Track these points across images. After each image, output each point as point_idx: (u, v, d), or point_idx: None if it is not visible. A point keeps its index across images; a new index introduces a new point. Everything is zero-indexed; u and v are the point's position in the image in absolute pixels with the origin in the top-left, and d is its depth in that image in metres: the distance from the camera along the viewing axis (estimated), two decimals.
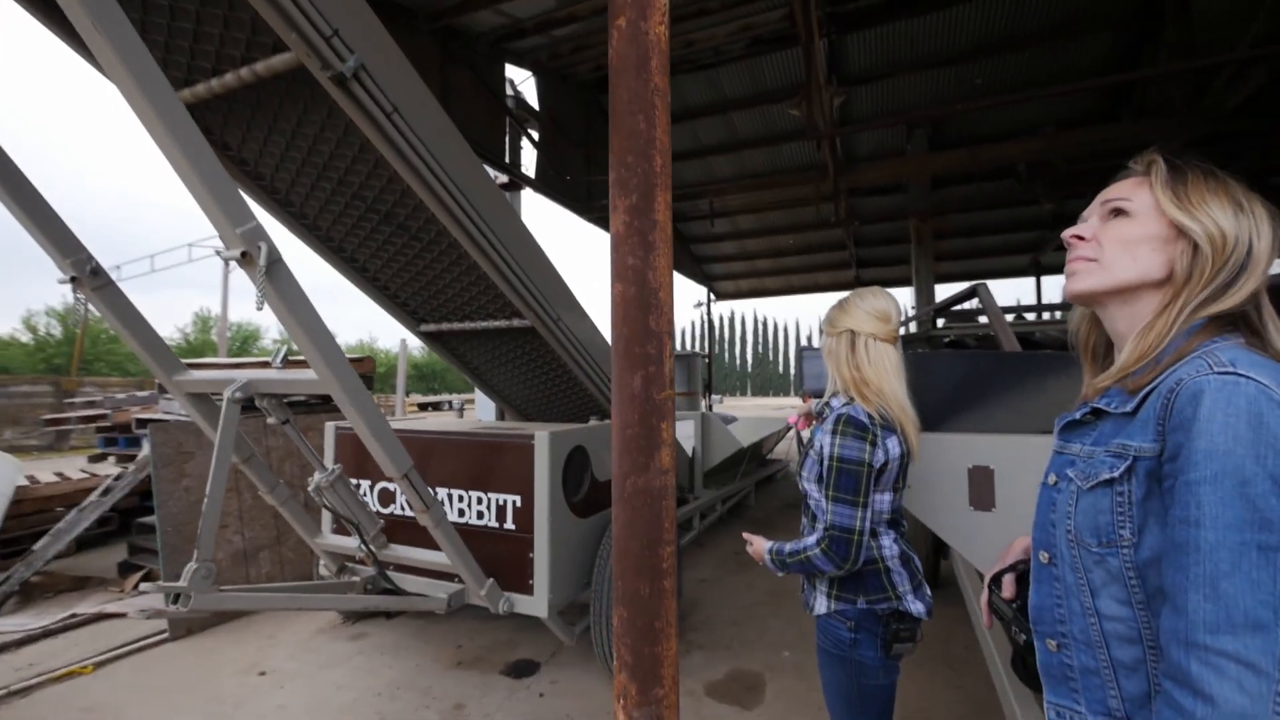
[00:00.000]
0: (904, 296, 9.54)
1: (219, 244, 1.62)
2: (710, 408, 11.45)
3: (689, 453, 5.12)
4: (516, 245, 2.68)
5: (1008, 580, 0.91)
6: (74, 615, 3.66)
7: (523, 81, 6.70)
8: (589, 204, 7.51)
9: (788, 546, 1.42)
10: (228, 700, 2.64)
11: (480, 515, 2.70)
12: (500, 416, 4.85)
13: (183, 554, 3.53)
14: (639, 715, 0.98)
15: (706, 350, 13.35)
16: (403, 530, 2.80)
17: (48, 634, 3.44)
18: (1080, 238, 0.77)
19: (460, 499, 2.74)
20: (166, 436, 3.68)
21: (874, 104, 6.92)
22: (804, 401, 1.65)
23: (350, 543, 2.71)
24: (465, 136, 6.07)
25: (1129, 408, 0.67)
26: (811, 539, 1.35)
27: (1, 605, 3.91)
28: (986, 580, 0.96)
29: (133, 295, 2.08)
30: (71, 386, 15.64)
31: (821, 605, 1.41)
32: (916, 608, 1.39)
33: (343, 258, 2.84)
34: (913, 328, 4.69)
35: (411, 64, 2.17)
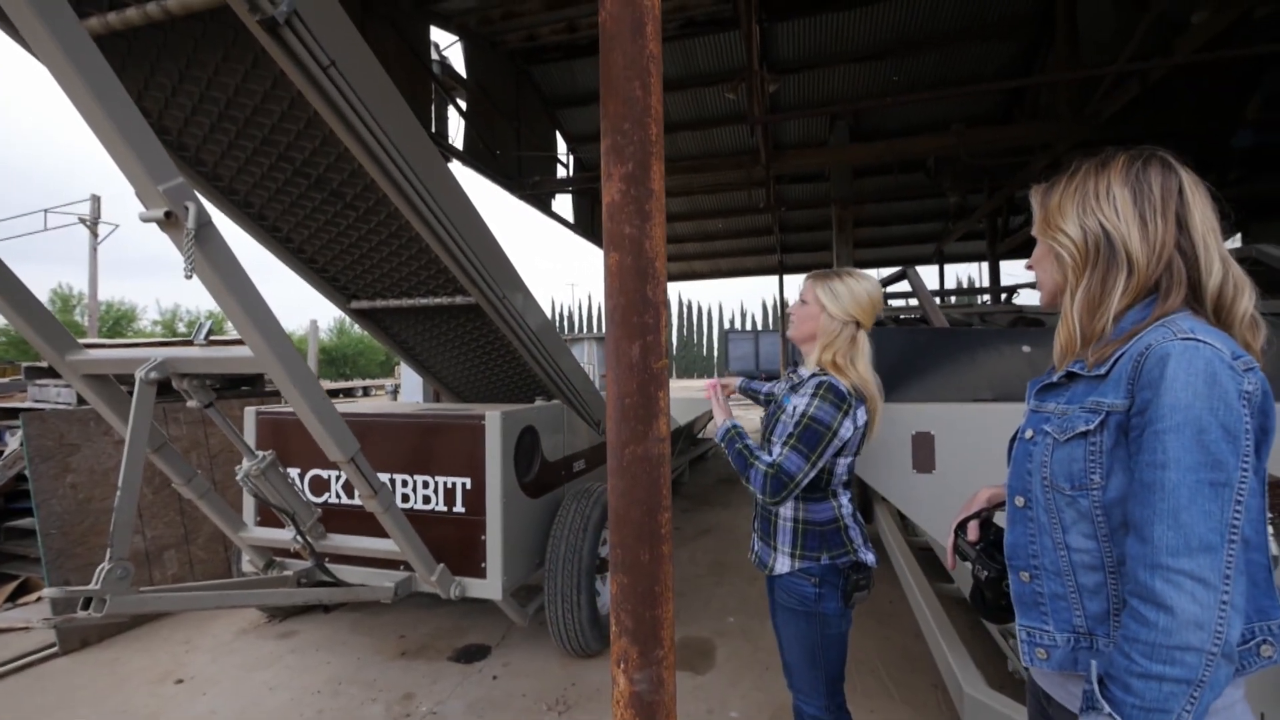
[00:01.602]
0: None
1: (80, 210, 1.43)
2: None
3: None
4: (461, 218, 2.55)
5: (972, 526, 1.02)
6: None
7: (449, 46, 6.34)
8: (520, 180, 7.28)
9: (746, 439, 1.51)
10: (140, 712, 2.41)
11: (427, 500, 2.60)
12: (435, 398, 4.66)
13: (72, 557, 3.14)
14: (640, 678, 1.01)
15: None
16: (340, 519, 2.64)
17: None
18: (1030, 266, 0.96)
19: (405, 484, 2.63)
20: (43, 428, 3.24)
21: (801, 93, 7.16)
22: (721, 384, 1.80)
23: (280, 535, 2.53)
24: None
25: (1102, 370, 0.76)
26: (764, 458, 1.43)
27: None
28: (953, 526, 1.06)
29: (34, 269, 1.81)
30: None
31: (784, 565, 1.49)
32: (869, 558, 1.52)
33: (264, 227, 2.60)
34: None
35: None
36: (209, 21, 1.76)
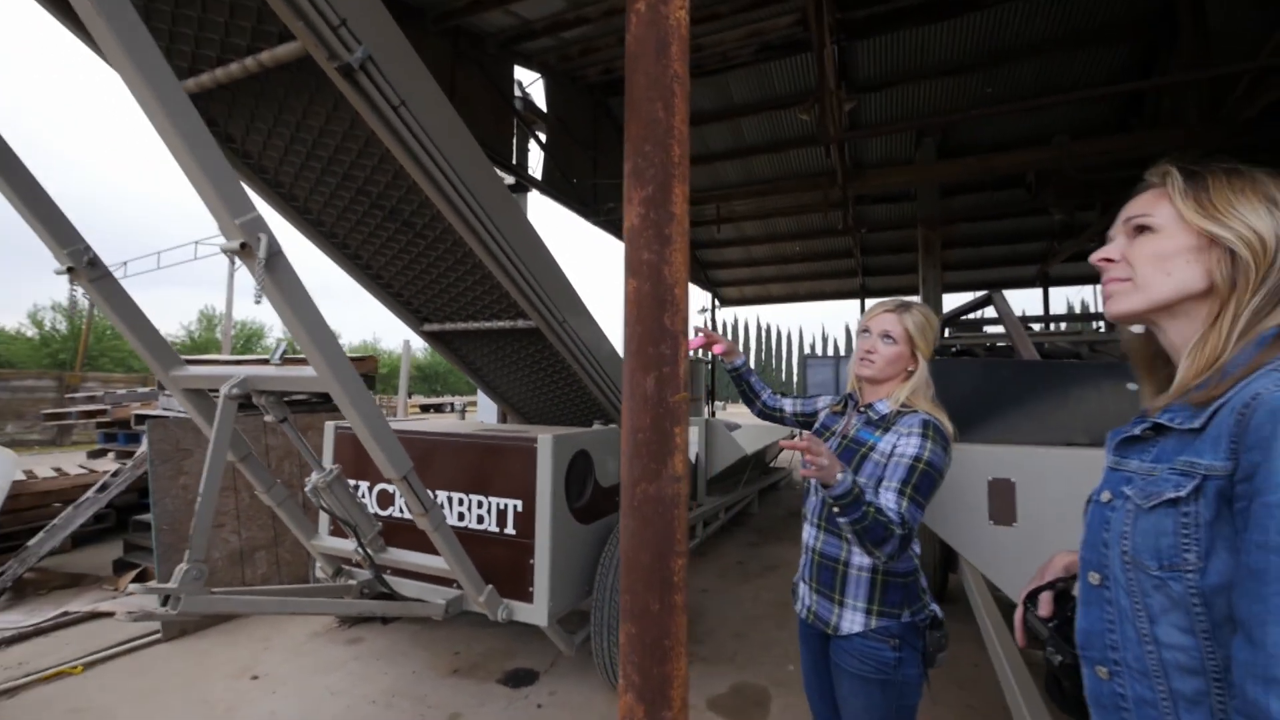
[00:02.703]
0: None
1: (223, 241, 1.57)
2: (714, 414, 11.38)
3: (692, 459, 5.06)
4: (523, 246, 2.63)
5: (1045, 598, 0.86)
6: (65, 613, 3.60)
7: (531, 84, 6.69)
8: (595, 207, 7.47)
9: (866, 496, 1.20)
10: (219, 705, 2.58)
11: (480, 519, 2.64)
12: (502, 419, 4.80)
13: (178, 553, 3.48)
14: None
15: (708, 357, 13.30)
16: (402, 533, 2.74)
17: (38, 632, 3.39)
18: (1110, 259, 0.75)
19: (460, 502, 2.69)
20: (165, 433, 3.64)
21: (883, 111, 6.88)
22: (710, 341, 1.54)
23: (347, 545, 2.65)
24: (473, 134, 6.02)
25: (1196, 423, 0.62)
26: (894, 519, 1.19)
27: None
28: (1022, 597, 0.90)
29: (140, 291, 2.05)
30: (74, 381, 15.65)
31: (856, 622, 1.29)
32: (939, 610, 1.35)
33: (346, 254, 2.80)
34: None
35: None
36: (296, 70, 1.94)
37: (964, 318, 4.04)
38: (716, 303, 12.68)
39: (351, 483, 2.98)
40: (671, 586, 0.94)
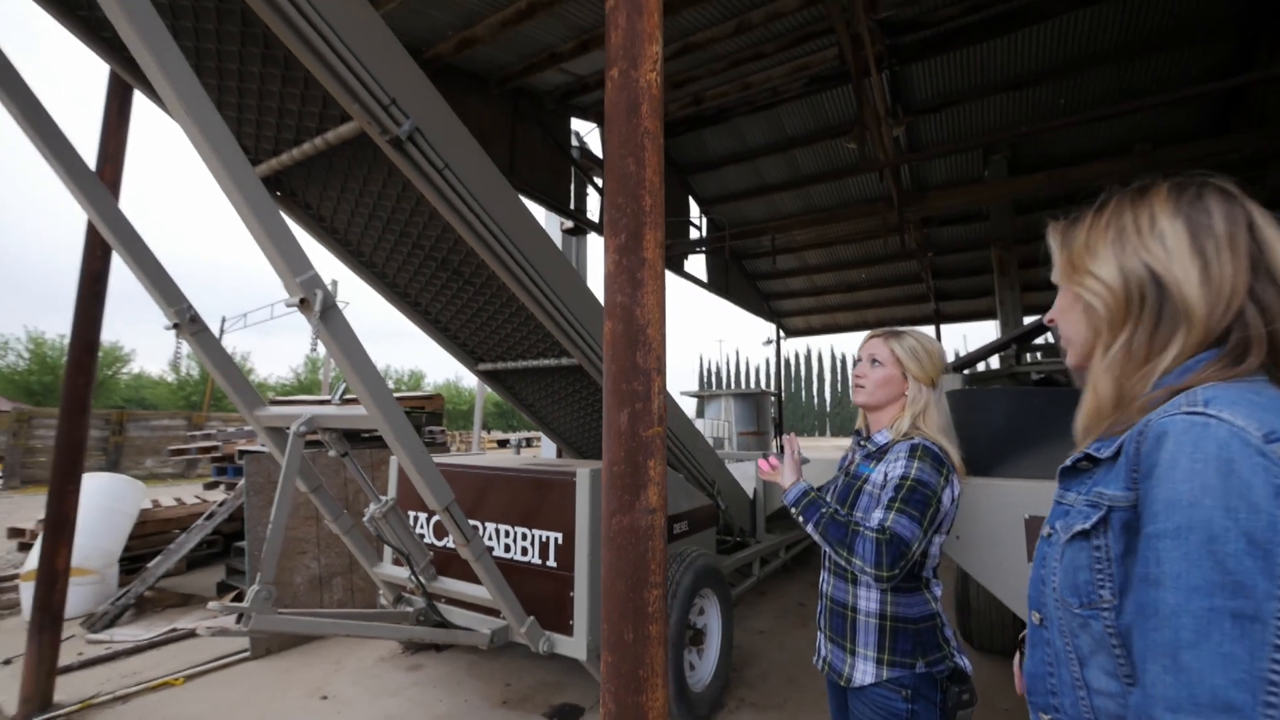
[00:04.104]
0: (989, 330, 8.86)
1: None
2: (780, 448, 11.06)
3: (750, 494, 4.95)
4: (564, 286, 2.77)
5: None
6: (174, 629, 4.02)
7: (588, 133, 7.07)
8: None
9: (831, 504, 1.27)
10: None
11: (524, 551, 2.73)
12: (559, 454, 4.94)
13: (271, 572, 3.82)
14: None
15: (777, 388, 13.00)
16: (454, 563, 2.87)
17: (152, 645, 3.80)
18: (1052, 319, 0.78)
19: (506, 534, 2.79)
20: (259, 467, 4.04)
21: (945, 130, 6.67)
22: (779, 457, 1.56)
23: (406, 573, 2.82)
24: (533, 186, 6.40)
25: (1109, 453, 0.60)
26: (868, 523, 1.20)
27: (120, 616, 4.37)
28: (1020, 641, 0.85)
29: (256, 338, 2.40)
30: (200, 420, 17.62)
31: (868, 674, 1.24)
32: (966, 663, 1.26)
33: (407, 301, 3.06)
34: (994, 363, 4.35)
35: (483, 123, 2.39)
36: (356, 145, 2.20)
37: (1036, 343, 3.77)
38: (781, 334, 12.46)
39: (412, 513, 3.17)
40: (646, 617, 0.96)
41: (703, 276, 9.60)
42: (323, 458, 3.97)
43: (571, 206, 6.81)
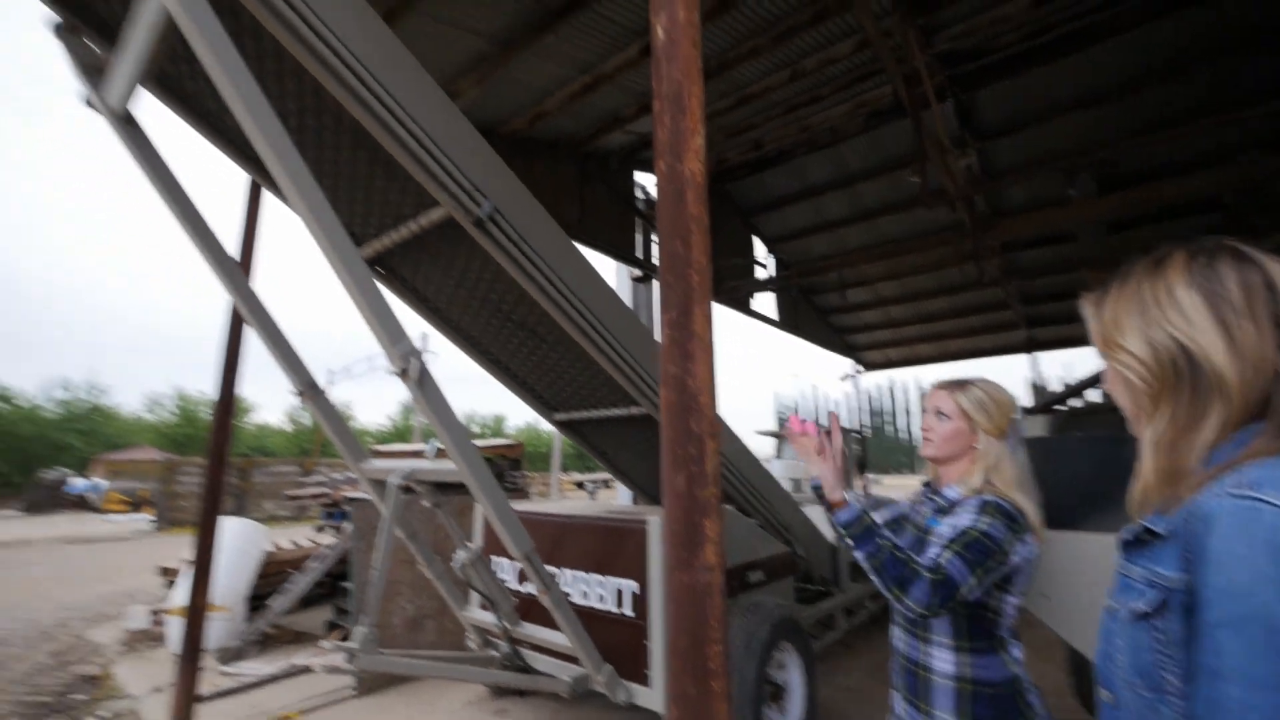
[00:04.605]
0: (1088, 359, 8.04)
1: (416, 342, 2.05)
2: (865, 489, 10.52)
3: (831, 540, 4.76)
4: (630, 339, 2.91)
5: None
6: (292, 665, 4.38)
7: (653, 185, 7.39)
8: (717, 287, 7.77)
9: (884, 530, 1.21)
10: None
11: (601, 599, 2.80)
12: (635, 500, 5.01)
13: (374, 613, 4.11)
14: None
15: (860, 425, 12.46)
16: (537, 609, 2.99)
17: (273, 679, 4.16)
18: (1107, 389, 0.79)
19: (584, 581, 2.88)
20: (363, 513, 4.40)
21: (1021, 153, 6.38)
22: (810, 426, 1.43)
23: (492, 618, 2.96)
24: (601, 240, 6.71)
25: (1164, 529, 0.60)
26: (922, 560, 1.17)
27: (247, 651, 4.82)
28: None
29: (356, 388, 2.67)
30: (310, 467, 19.24)
31: None
32: None
33: (487, 357, 3.32)
34: (1095, 397, 4.02)
35: (554, 185, 2.62)
36: (445, 226, 2.49)
37: None
38: (859, 369, 12.02)
39: (495, 559, 3.34)
40: (708, 673, 1.02)
41: (773, 314, 9.55)
42: (418, 504, 4.28)
43: (639, 256, 7.09)
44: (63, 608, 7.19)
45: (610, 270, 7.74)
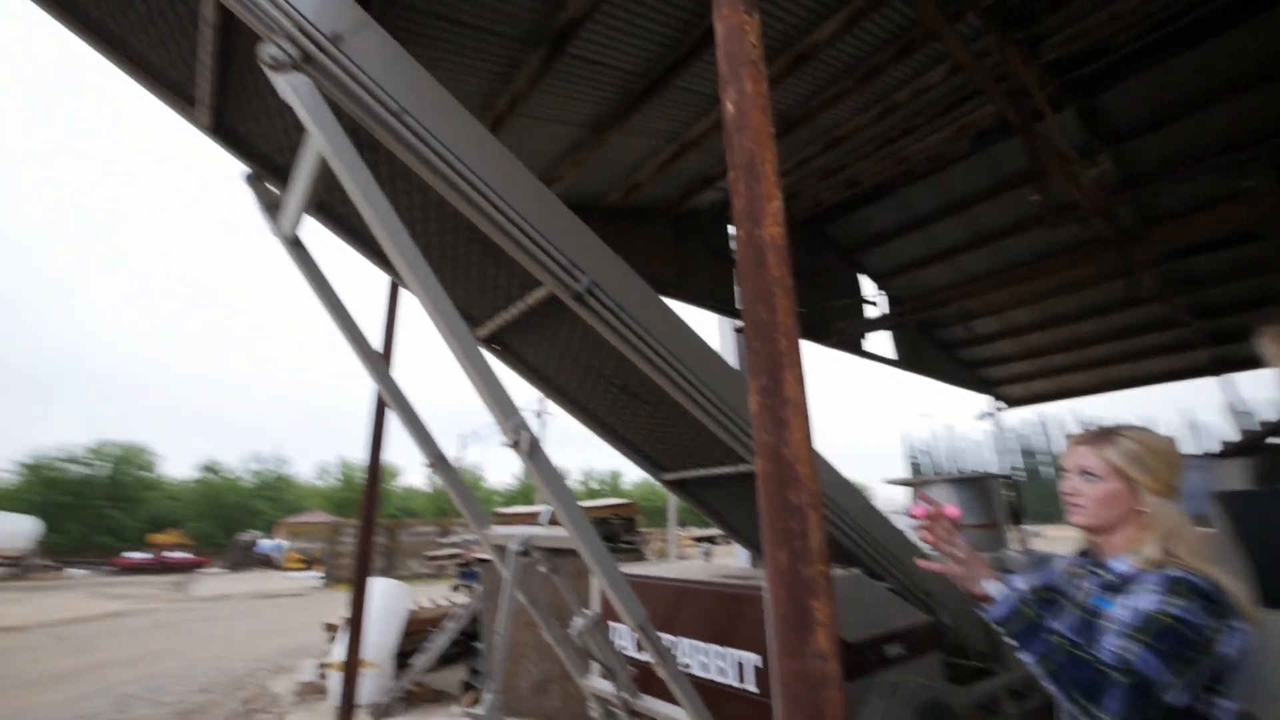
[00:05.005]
0: None
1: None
2: (1023, 542, 9.19)
3: None
4: (733, 396, 2.87)
5: None
6: None
7: None
8: (824, 331, 7.48)
9: (1052, 622, 1.03)
10: None
11: (722, 671, 2.66)
12: (753, 561, 4.79)
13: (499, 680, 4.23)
14: None
15: (1011, 468, 11.04)
16: (657, 679, 2.90)
17: None
18: None
19: (702, 651, 2.76)
20: (491, 574, 4.63)
21: (1166, 152, 5.60)
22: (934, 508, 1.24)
23: (611, 688, 2.92)
24: (700, 295, 6.79)
25: None
26: (1102, 655, 0.97)
27: (394, 709, 5.14)
28: None
29: (485, 450, 2.87)
30: (447, 527, 20.70)
31: None
32: None
33: (597, 422, 3.44)
34: None
35: (652, 248, 2.73)
36: (549, 302, 2.67)
37: None
38: (999, 406, 10.77)
39: (614, 625, 3.32)
40: None
41: (890, 353, 8.97)
42: (536, 568, 4.42)
43: (739, 306, 7.06)
44: (252, 658, 8.20)
45: (712, 323, 7.79)
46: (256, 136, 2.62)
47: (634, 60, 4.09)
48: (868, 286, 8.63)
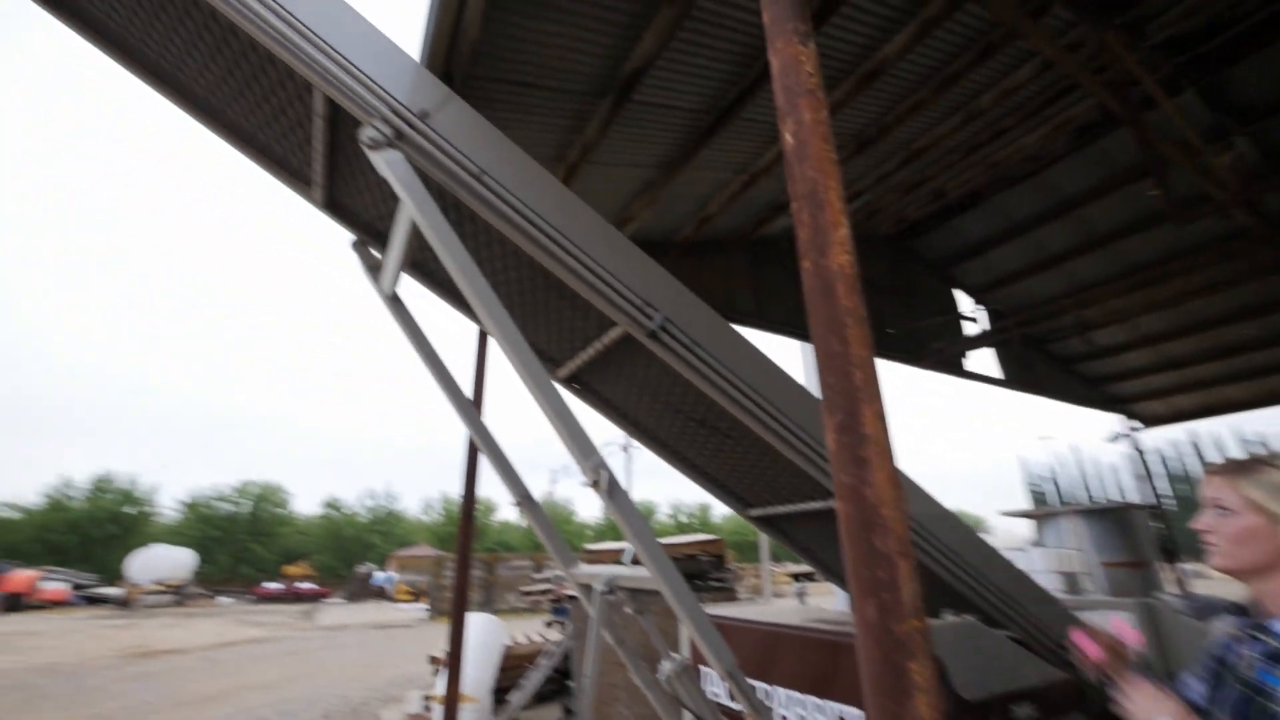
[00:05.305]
0: None
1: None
2: (1180, 584, 7.91)
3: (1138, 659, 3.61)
4: (817, 426, 2.75)
5: None
6: None
7: None
8: (918, 352, 7.02)
9: (1216, 703, 0.89)
10: None
11: None
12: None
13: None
14: None
15: (1157, 496, 9.64)
16: None
17: None
18: None
19: (800, 704, 2.59)
20: (579, 612, 4.64)
21: None
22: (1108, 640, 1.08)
23: None
24: (781, 322, 6.64)
25: None
26: None
27: None
28: None
29: (568, 486, 2.94)
30: (540, 561, 21.13)
31: None
32: None
33: (677, 458, 3.40)
34: None
35: (728, 278, 2.73)
36: (624, 340, 2.72)
37: None
38: (1134, 425, 9.48)
39: (705, 670, 3.20)
40: None
41: (996, 372, 8.23)
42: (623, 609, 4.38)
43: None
44: (367, 688, 8.69)
45: (794, 351, 7.56)
46: (359, 208, 2.92)
47: (698, 98, 4.17)
48: (965, 302, 8.05)
